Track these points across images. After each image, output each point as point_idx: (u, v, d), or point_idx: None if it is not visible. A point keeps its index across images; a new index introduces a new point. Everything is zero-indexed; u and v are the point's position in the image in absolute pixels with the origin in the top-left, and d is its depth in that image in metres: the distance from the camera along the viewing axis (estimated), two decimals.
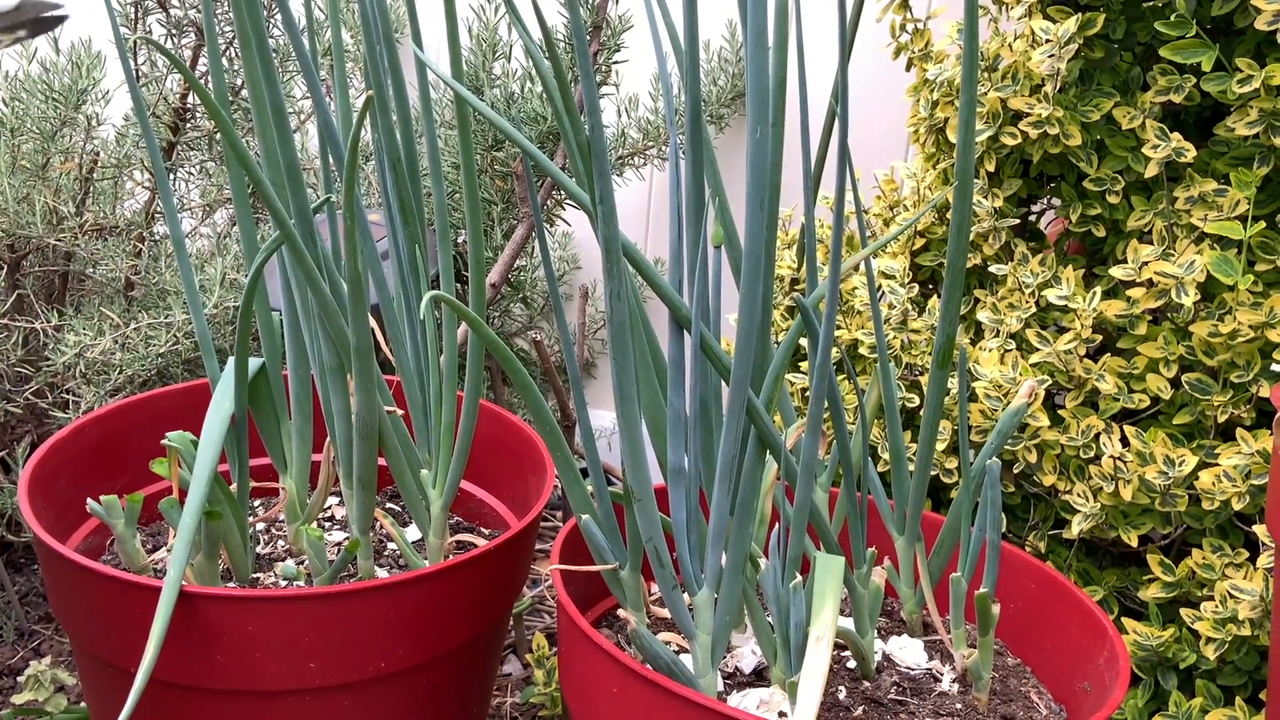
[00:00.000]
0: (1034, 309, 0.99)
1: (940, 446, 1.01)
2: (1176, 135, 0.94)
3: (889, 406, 0.83)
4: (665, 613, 0.85)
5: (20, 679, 1.17)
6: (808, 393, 1.12)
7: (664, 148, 1.45)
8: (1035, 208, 1.12)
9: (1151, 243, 0.96)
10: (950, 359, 0.75)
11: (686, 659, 0.80)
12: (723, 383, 0.70)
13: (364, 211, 0.81)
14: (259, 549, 0.96)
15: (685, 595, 0.74)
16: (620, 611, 0.70)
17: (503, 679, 1.36)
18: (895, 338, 1.05)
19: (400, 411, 0.86)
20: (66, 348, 1.24)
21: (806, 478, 0.68)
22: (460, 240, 1.27)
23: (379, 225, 0.92)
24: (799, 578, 0.67)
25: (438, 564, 0.82)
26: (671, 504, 0.71)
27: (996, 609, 0.76)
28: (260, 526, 1.00)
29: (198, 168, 1.41)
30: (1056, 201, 1.09)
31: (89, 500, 0.87)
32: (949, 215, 1.10)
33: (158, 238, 1.41)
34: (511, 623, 1.38)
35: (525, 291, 1.36)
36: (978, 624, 0.77)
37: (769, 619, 0.74)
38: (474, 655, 0.89)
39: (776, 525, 0.72)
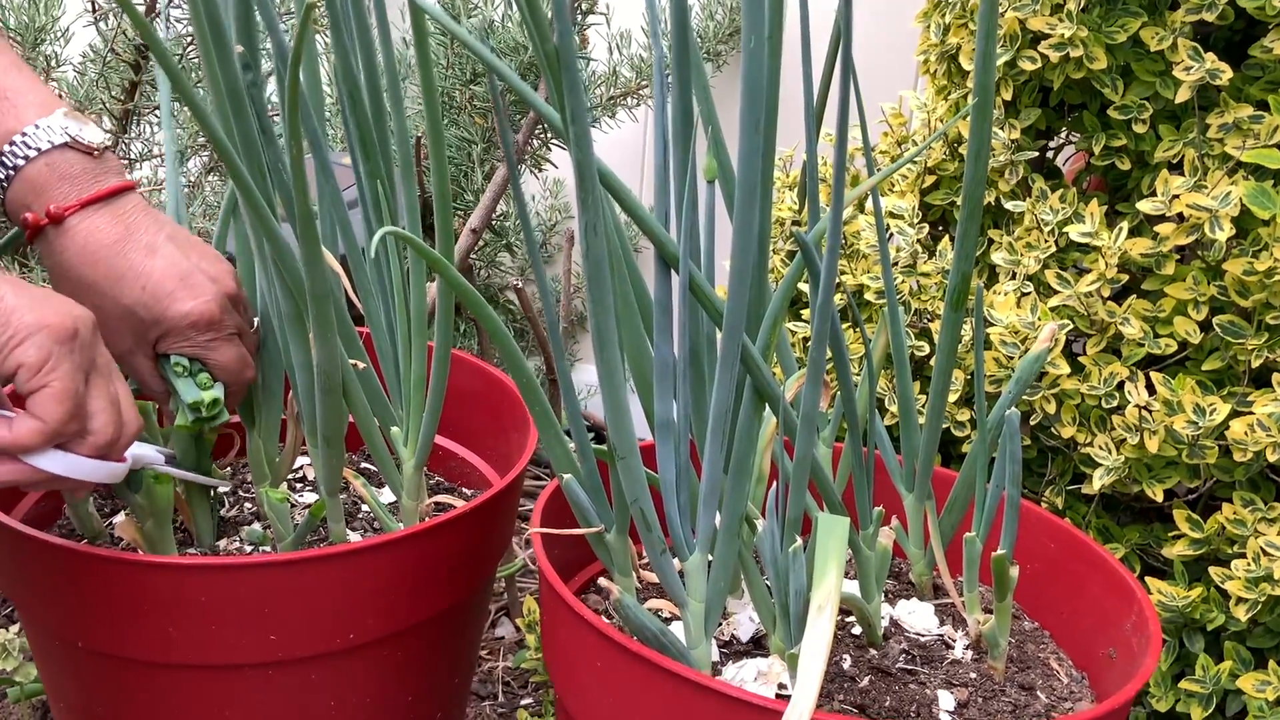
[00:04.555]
0: (1053, 249, 0.92)
1: (951, 398, 0.95)
2: (1211, 55, 0.86)
3: (898, 354, 0.76)
4: (651, 575, 0.79)
5: None
6: (809, 341, 1.05)
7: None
8: (1053, 143, 1.05)
9: (1182, 174, 0.88)
10: (965, 300, 0.69)
11: (678, 627, 0.75)
12: (716, 330, 0.64)
13: (324, 145, 0.74)
14: (225, 512, 0.90)
15: (675, 560, 0.68)
16: (602, 581, 0.64)
17: (495, 642, 1.31)
18: (903, 282, 0.98)
19: (363, 366, 0.80)
20: None
21: (808, 431, 0.61)
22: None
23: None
24: (799, 541, 0.61)
25: (410, 527, 0.76)
26: (659, 461, 0.65)
27: (1015, 572, 0.70)
28: (226, 488, 0.94)
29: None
30: (1075, 136, 1.01)
31: None
32: (961, 150, 1.02)
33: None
34: (504, 584, 1.33)
35: (510, 238, 1.28)
36: (994, 588, 0.71)
37: (767, 583, 0.68)
38: (453, 624, 0.83)
39: (775, 484, 0.66)
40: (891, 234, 1.00)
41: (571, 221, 1.70)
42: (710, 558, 0.67)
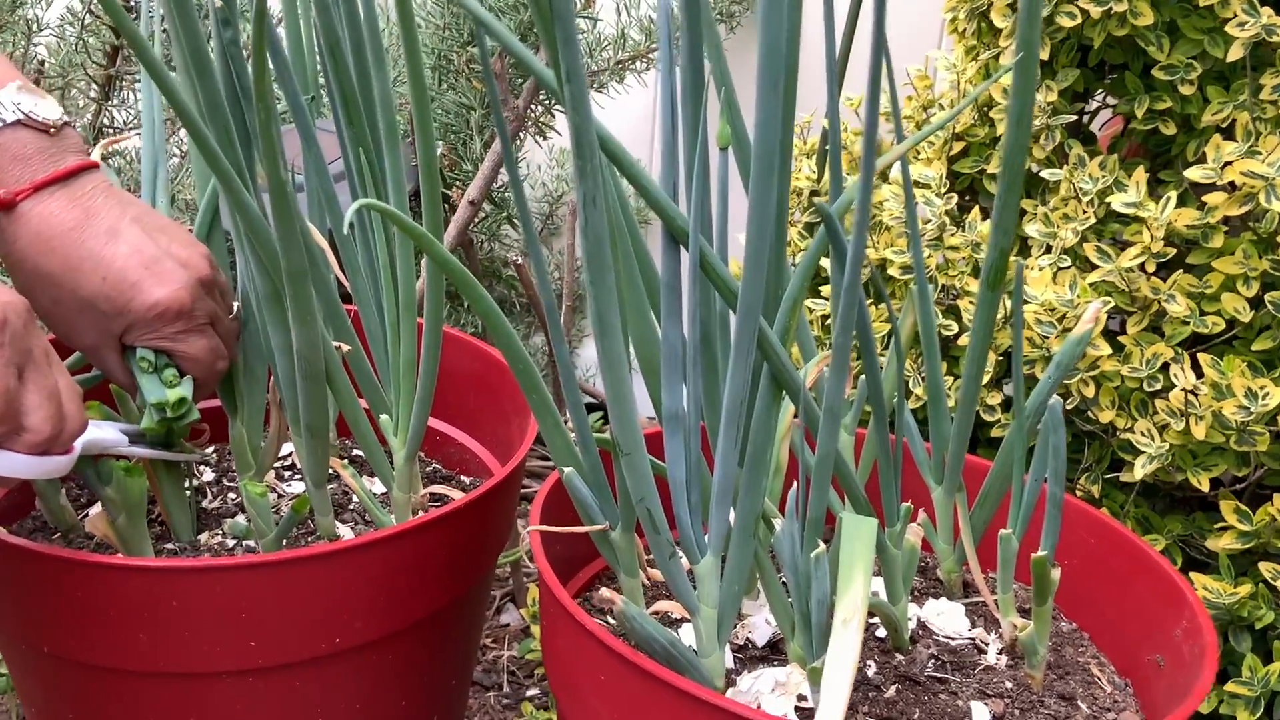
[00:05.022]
0: (1092, 220, 0.85)
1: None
2: (1268, 10, 0.79)
3: (926, 335, 0.70)
4: (657, 574, 0.74)
5: None
6: (829, 321, 0.99)
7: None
8: (1089, 106, 0.98)
9: (1234, 139, 0.82)
10: (1003, 277, 0.62)
11: (688, 629, 0.69)
12: (730, 312, 0.58)
13: (305, 110, 0.68)
14: (207, 503, 0.85)
15: (685, 561, 0.62)
16: (604, 592, 0.58)
17: (500, 630, 1.26)
18: (930, 256, 0.92)
19: (348, 349, 0.74)
20: None
21: (831, 425, 0.56)
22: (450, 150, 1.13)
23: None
24: (822, 546, 0.55)
25: (401, 524, 0.71)
26: (668, 455, 0.59)
27: (1057, 574, 0.64)
28: (210, 476, 0.89)
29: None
30: (1113, 100, 0.94)
31: None
32: (991, 114, 0.96)
33: (108, 154, 1.28)
34: (509, 570, 1.28)
35: (512, 210, 1.22)
36: (1034, 592, 0.65)
37: (783, 580, 0.62)
38: (448, 625, 0.78)
39: (795, 480, 0.60)
40: (917, 204, 0.94)
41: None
42: (723, 560, 0.61)
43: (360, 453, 0.94)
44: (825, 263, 1.00)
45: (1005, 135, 0.58)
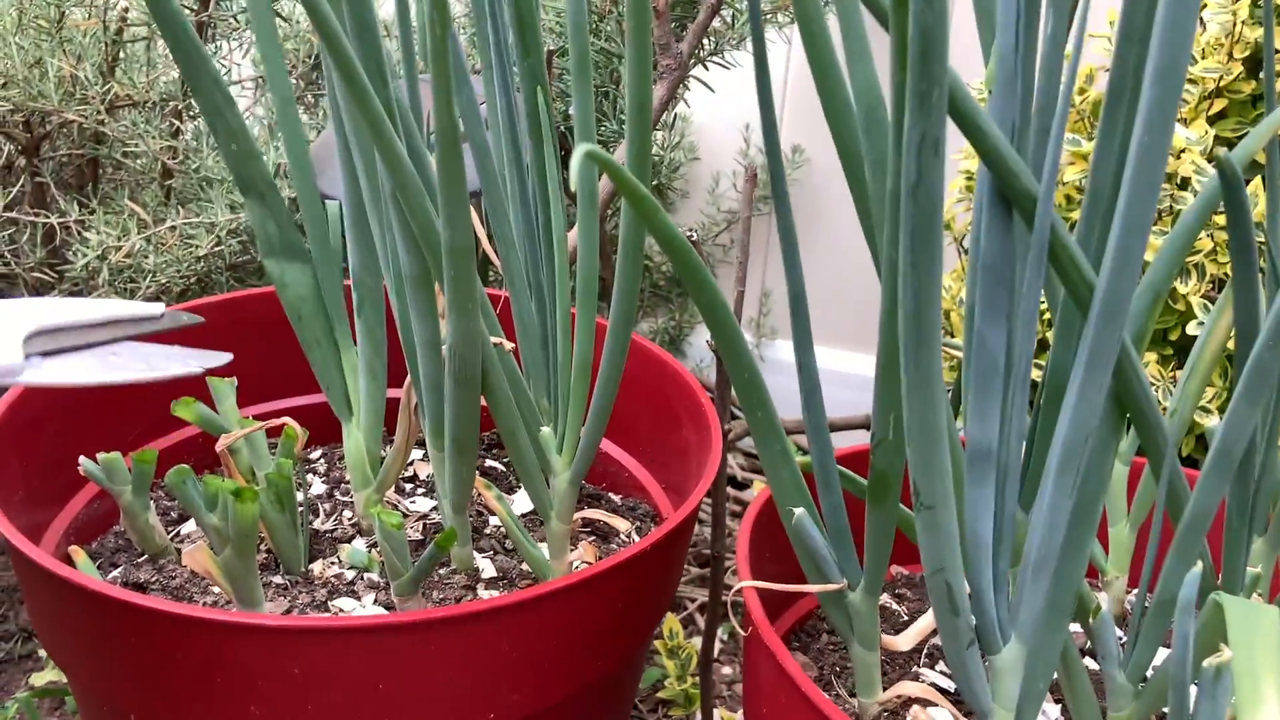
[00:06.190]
0: None
1: None
2: None
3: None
4: (899, 643, 0.58)
5: (43, 655, 0.97)
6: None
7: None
8: None
9: None
10: None
11: (940, 716, 0.54)
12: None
13: (456, 38, 0.52)
14: (317, 523, 0.71)
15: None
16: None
17: None
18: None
19: (510, 345, 0.59)
20: (88, 249, 1.00)
21: (1224, 465, 0.39)
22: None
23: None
24: (1225, 652, 0.39)
25: (571, 576, 0.56)
26: (969, 506, 0.43)
27: None
28: (320, 489, 0.75)
29: (247, 21, 1.13)
30: None
31: (82, 459, 0.63)
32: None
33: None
34: None
35: (661, 178, 1.06)
36: None
37: (1095, 677, 0.46)
38: (611, 691, 0.63)
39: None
40: None
41: (696, 164, 1.47)
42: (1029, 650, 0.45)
43: (493, 464, 0.79)
44: None
45: None
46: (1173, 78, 0.35)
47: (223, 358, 0.47)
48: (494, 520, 0.71)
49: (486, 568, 0.67)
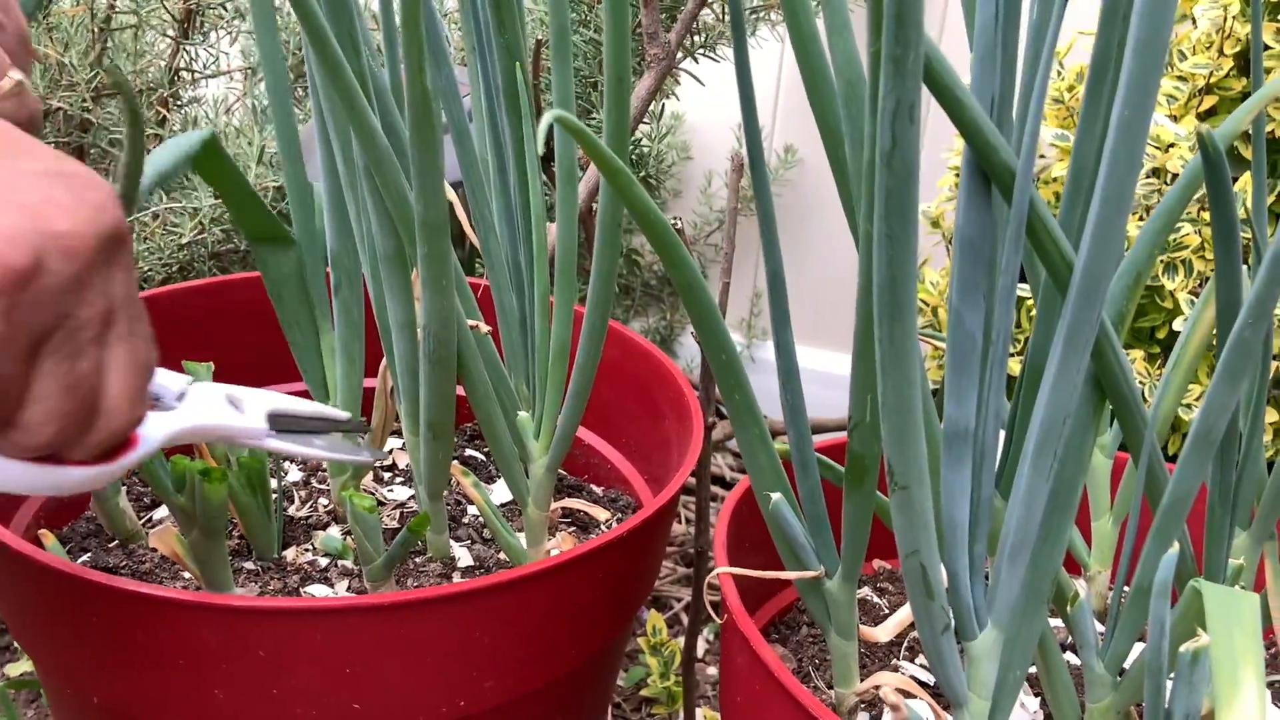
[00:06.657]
0: None
1: None
2: None
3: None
4: (878, 634, 0.58)
5: (17, 647, 0.95)
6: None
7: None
8: None
9: None
10: None
11: (920, 707, 0.53)
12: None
13: (434, 10, 0.52)
14: (292, 509, 0.70)
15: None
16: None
17: None
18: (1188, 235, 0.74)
19: (487, 328, 0.59)
20: None
21: (1203, 451, 0.39)
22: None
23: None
24: (1202, 637, 0.38)
25: (546, 560, 0.55)
26: (944, 487, 0.42)
27: None
28: (296, 476, 0.74)
29: (236, 11, 1.13)
30: None
31: None
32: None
33: (184, 103, 1.14)
34: None
35: (647, 170, 1.05)
36: None
37: (1074, 667, 0.45)
38: (590, 680, 0.62)
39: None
40: None
41: (689, 164, 1.46)
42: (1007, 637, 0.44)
43: (473, 453, 0.78)
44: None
45: None
46: (1153, 50, 0.34)
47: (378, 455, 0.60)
48: (472, 510, 0.70)
49: (463, 556, 0.66)
